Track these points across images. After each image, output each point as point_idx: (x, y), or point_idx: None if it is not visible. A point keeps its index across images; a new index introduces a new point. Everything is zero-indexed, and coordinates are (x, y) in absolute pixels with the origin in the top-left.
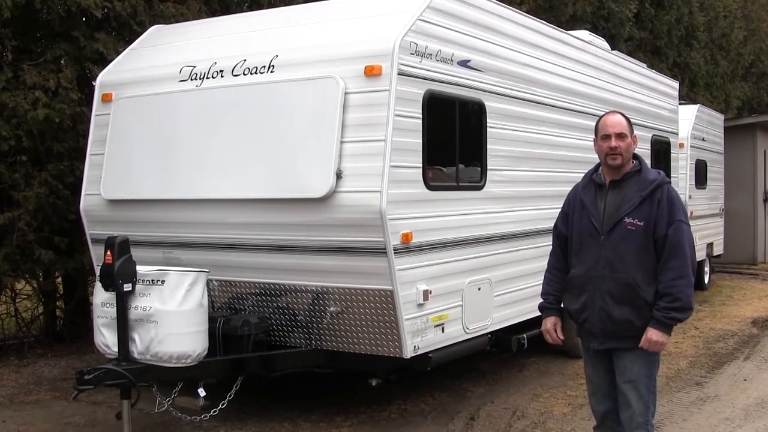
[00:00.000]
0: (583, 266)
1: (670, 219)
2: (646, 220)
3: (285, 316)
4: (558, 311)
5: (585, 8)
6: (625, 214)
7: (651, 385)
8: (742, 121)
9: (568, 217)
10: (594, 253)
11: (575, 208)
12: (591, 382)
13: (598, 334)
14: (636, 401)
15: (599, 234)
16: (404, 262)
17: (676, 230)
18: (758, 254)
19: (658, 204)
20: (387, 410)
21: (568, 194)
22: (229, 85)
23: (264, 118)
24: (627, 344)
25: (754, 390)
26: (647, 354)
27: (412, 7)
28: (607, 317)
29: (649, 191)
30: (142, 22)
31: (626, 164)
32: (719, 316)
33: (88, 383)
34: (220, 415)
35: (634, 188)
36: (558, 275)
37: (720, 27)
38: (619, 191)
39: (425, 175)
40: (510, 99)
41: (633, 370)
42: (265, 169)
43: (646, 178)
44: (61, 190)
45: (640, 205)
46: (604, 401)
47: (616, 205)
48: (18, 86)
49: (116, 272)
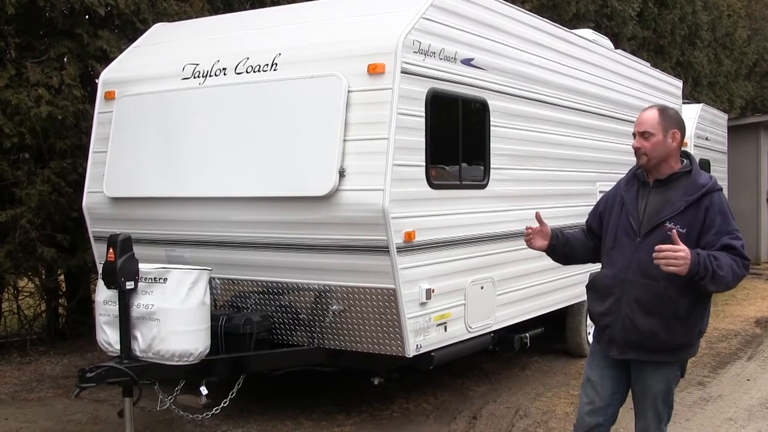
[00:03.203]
0: (613, 267)
1: (723, 229)
2: (690, 227)
3: (287, 314)
4: (551, 236)
5: (588, 7)
6: (667, 218)
7: (669, 399)
8: (746, 120)
9: (602, 217)
10: (627, 255)
11: (614, 205)
12: (593, 387)
13: (620, 343)
14: (652, 415)
15: (636, 235)
16: (407, 261)
17: (735, 239)
18: (762, 254)
19: (706, 212)
20: (389, 409)
21: (609, 191)
22: (232, 83)
23: (267, 116)
24: (649, 357)
25: (757, 390)
26: (672, 371)
27: (415, 5)
28: (631, 326)
29: (697, 197)
30: (145, 19)
31: (660, 164)
32: (722, 315)
33: (90, 381)
34: (222, 414)
35: (680, 191)
36: (575, 233)
37: (724, 26)
38: (663, 192)
39: (428, 173)
40: (513, 98)
41: (653, 387)
42: (267, 167)
43: (696, 182)
44: (64, 187)
45: (685, 210)
46: (599, 414)
47: (658, 206)
48: (21, 84)
49: (119, 270)
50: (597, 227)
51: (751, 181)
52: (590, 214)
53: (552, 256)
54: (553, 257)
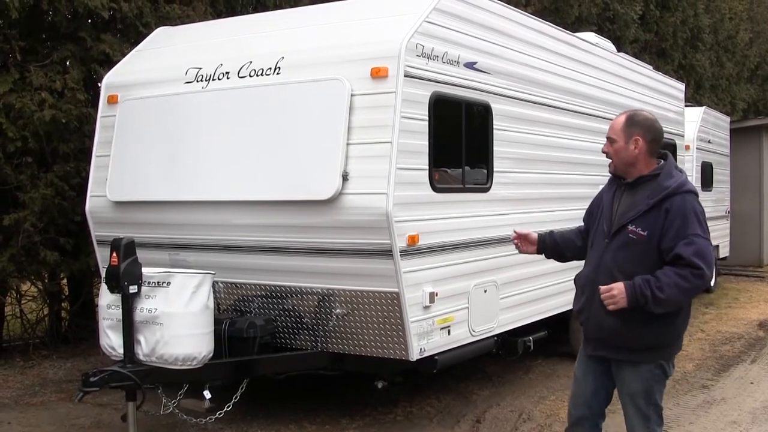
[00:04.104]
0: (588, 267)
1: (681, 233)
2: (651, 230)
3: (291, 318)
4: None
5: (590, 10)
6: (630, 221)
7: (651, 399)
8: (748, 123)
9: (593, 215)
10: (598, 255)
11: (599, 205)
12: (576, 383)
13: (592, 340)
14: (633, 414)
15: (606, 236)
16: (410, 264)
17: (687, 245)
18: (764, 256)
19: (666, 214)
20: (392, 413)
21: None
22: (235, 87)
23: (270, 119)
24: (620, 356)
25: (761, 393)
26: (648, 369)
27: (418, 9)
28: (598, 324)
29: (658, 200)
30: (148, 23)
31: (627, 168)
32: (725, 318)
33: (93, 385)
34: (226, 418)
35: (645, 194)
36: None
37: (726, 29)
38: (632, 194)
39: (431, 177)
40: (516, 101)
41: (631, 386)
42: (270, 170)
43: (660, 185)
44: (67, 191)
45: (647, 213)
46: (582, 407)
47: (626, 209)
48: (25, 87)
49: (122, 274)
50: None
51: (754, 184)
52: (585, 213)
53: (546, 256)
54: (547, 257)
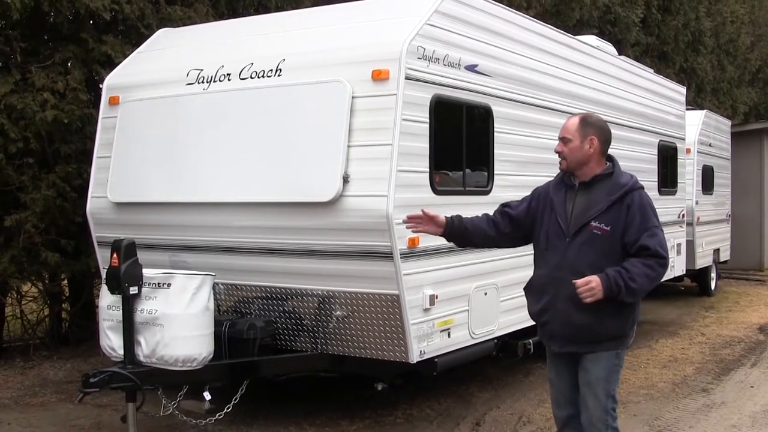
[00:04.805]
0: (547, 267)
1: (642, 226)
2: (614, 225)
3: (291, 319)
4: (449, 220)
5: (592, 13)
6: (592, 218)
7: (609, 389)
8: (749, 126)
9: (534, 214)
10: (559, 255)
11: (545, 207)
12: (553, 386)
13: (558, 337)
14: (592, 403)
15: (565, 236)
16: (411, 267)
17: (651, 237)
18: (765, 260)
19: (628, 209)
20: (392, 415)
21: (538, 188)
22: (236, 89)
23: (271, 121)
24: (586, 349)
25: (761, 397)
26: (608, 357)
27: (419, 12)
28: (567, 321)
29: (619, 196)
30: (150, 25)
31: (580, 168)
32: (726, 322)
33: (93, 386)
34: (226, 419)
35: (603, 192)
36: (475, 221)
37: (727, 32)
38: (588, 194)
39: (432, 179)
40: (517, 104)
41: (592, 372)
42: (271, 172)
43: (617, 182)
44: (69, 192)
45: (608, 209)
46: (566, 407)
47: (584, 207)
48: (26, 88)
49: (122, 275)
50: (522, 218)
51: (755, 187)
52: (518, 204)
53: (448, 240)
54: (448, 241)
